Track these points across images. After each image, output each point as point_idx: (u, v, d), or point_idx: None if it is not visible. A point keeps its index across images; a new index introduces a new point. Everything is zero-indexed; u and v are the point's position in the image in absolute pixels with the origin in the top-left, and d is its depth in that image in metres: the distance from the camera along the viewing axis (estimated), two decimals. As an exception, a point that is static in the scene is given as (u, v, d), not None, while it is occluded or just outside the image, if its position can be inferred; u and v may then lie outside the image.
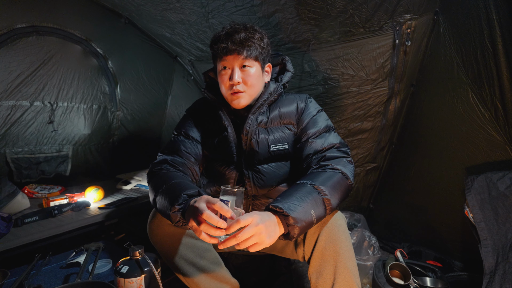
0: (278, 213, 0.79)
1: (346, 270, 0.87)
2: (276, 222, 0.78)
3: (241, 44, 0.99)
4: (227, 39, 0.99)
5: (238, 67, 1.01)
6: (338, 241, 0.89)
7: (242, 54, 0.99)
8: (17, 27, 1.69)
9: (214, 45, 1.03)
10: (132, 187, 2.06)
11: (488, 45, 1.16)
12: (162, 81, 2.49)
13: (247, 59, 1.00)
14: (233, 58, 1.00)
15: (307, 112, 1.11)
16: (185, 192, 0.86)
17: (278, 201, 0.82)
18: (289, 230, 0.79)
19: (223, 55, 1.01)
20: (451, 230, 1.53)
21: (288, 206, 0.79)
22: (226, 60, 1.01)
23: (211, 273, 1.04)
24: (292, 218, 0.77)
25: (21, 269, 1.19)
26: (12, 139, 1.85)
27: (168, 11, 1.78)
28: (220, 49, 1.00)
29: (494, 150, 1.28)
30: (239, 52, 0.99)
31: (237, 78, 1.00)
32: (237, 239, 0.72)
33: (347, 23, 1.42)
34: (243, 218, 0.72)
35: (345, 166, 0.96)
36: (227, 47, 0.99)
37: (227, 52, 1.00)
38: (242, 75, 1.02)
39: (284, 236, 0.81)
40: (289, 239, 0.81)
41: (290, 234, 0.79)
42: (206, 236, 0.74)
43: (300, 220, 0.78)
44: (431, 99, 1.50)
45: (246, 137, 1.08)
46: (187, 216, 0.79)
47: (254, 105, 1.08)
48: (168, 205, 0.86)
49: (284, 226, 0.79)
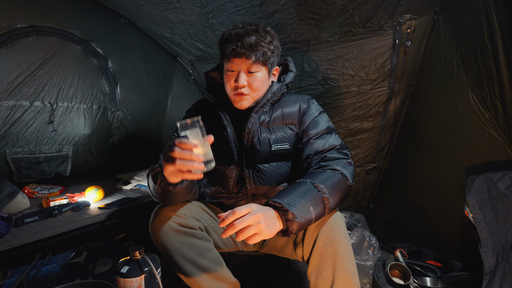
0: (278, 208, 0.80)
1: (345, 270, 0.87)
2: (275, 216, 0.79)
3: (250, 48, 0.98)
4: (237, 40, 0.99)
5: (245, 71, 1.01)
6: (337, 241, 0.89)
7: (251, 59, 0.99)
8: (17, 27, 1.69)
9: (223, 45, 1.03)
10: (132, 187, 2.06)
11: (488, 45, 1.16)
12: (162, 81, 2.49)
13: (255, 63, 1.00)
14: (241, 61, 1.00)
15: (309, 113, 1.11)
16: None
17: (277, 196, 0.82)
18: (287, 225, 0.79)
19: (231, 57, 1.01)
20: (451, 230, 1.53)
21: (288, 201, 0.79)
22: (234, 63, 1.01)
23: (212, 273, 1.04)
24: (292, 213, 0.78)
25: (21, 269, 1.19)
26: (12, 139, 1.85)
27: (168, 11, 1.78)
28: (229, 50, 1.00)
29: (494, 150, 1.28)
30: (248, 56, 0.99)
31: (242, 82, 1.01)
32: (234, 227, 0.73)
33: (347, 23, 1.42)
34: (239, 209, 0.74)
35: (345, 167, 0.96)
36: (236, 49, 0.98)
37: (236, 55, 0.99)
38: (248, 78, 1.02)
39: (282, 233, 0.81)
40: (287, 235, 0.81)
41: (289, 230, 0.80)
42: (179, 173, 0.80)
43: (299, 216, 0.79)
44: (431, 99, 1.50)
45: (248, 136, 1.08)
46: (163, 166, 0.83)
47: (257, 104, 1.08)
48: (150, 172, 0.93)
49: (283, 221, 0.80)
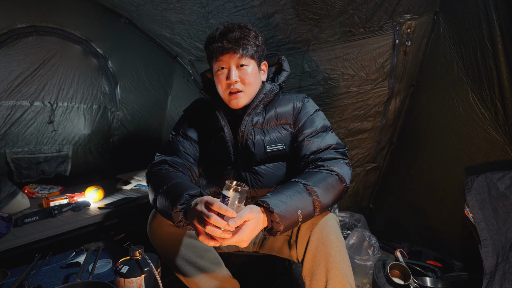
0: (265, 208, 0.81)
1: (338, 271, 0.87)
2: (262, 218, 0.80)
3: (236, 43, 0.98)
4: (222, 38, 0.99)
5: (235, 66, 1.01)
6: (329, 242, 0.89)
7: (238, 53, 0.99)
8: (17, 27, 1.69)
9: (209, 46, 1.03)
10: (132, 187, 2.06)
11: (488, 45, 1.16)
12: (162, 81, 2.49)
13: (243, 57, 1.00)
14: (229, 57, 1.00)
15: (304, 111, 1.10)
16: (187, 192, 0.86)
17: (267, 196, 0.83)
18: (273, 225, 0.81)
19: (219, 55, 1.01)
20: (451, 230, 1.53)
21: (275, 202, 0.80)
22: (222, 60, 1.01)
23: (211, 273, 1.04)
24: (277, 214, 0.79)
25: (21, 269, 1.19)
26: (12, 139, 1.85)
27: (168, 11, 1.78)
28: (215, 48, 1.00)
29: (494, 150, 1.28)
30: (235, 50, 0.99)
31: (234, 77, 1.00)
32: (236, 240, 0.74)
33: (347, 23, 1.42)
34: (243, 214, 0.75)
35: (341, 168, 0.95)
36: (223, 46, 0.98)
37: (223, 51, 0.99)
38: (239, 73, 1.01)
39: (268, 231, 0.83)
40: (272, 235, 0.82)
41: (274, 229, 0.81)
42: (205, 238, 0.75)
43: (285, 218, 0.80)
44: (431, 99, 1.50)
45: (242, 139, 1.07)
46: (189, 218, 0.79)
47: (249, 106, 1.07)
48: (170, 205, 0.86)
49: (268, 221, 0.81)
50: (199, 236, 0.76)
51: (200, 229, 0.75)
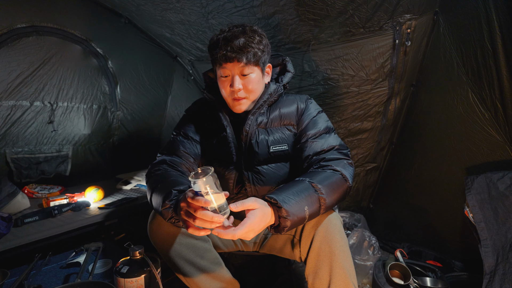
0: (272, 204, 0.81)
1: (341, 270, 0.87)
2: (270, 211, 0.80)
3: (240, 51, 0.97)
4: (225, 45, 0.97)
5: (238, 75, 1.01)
6: (333, 241, 0.89)
7: (242, 61, 0.98)
8: (17, 27, 1.69)
9: (213, 50, 1.02)
10: (132, 187, 2.06)
11: (488, 45, 1.16)
12: (162, 81, 2.49)
13: (247, 65, 0.99)
14: (233, 65, 0.99)
15: (307, 113, 1.10)
16: (176, 187, 0.87)
17: (274, 193, 0.83)
18: (280, 221, 0.80)
19: (223, 62, 1.00)
20: (451, 230, 1.53)
21: (283, 198, 0.80)
22: (226, 68, 1.00)
23: (211, 273, 1.04)
24: (285, 210, 0.78)
25: (21, 269, 1.18)
26: (12, 139, 1.85)
27: (168, 11, 1.78)
28: (219, 56, 0.99)
29: (494, 150, 1.28)
30: (239, 59, 0.98)
31: (237, 86, 1.00)
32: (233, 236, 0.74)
33: (347, 23, 1.42)
34: (247, 202, 0.76)
35: (345, 168, 0.96)
36: (226, 54, 0.97)
37: (227, 59, 0.98)
38: (242, 81, 1.01)
39: (274, 228, 0.82)
40: (279, 232, 0.82)
41: (281, 226, 0.80)
42: (195, 230, 0.76)
43: (292, 214, 0.80)
44: (431, 99, 1.50)
45: (245, 138, 1.07)
46: (179, 214, 0.80)
47: (254, 106, 1.07)
48: (161, 202, 0.87)
49: (276, 217, 0.81)
50: (188, 229, 0.77)
51: (189, 223, 0.76)
